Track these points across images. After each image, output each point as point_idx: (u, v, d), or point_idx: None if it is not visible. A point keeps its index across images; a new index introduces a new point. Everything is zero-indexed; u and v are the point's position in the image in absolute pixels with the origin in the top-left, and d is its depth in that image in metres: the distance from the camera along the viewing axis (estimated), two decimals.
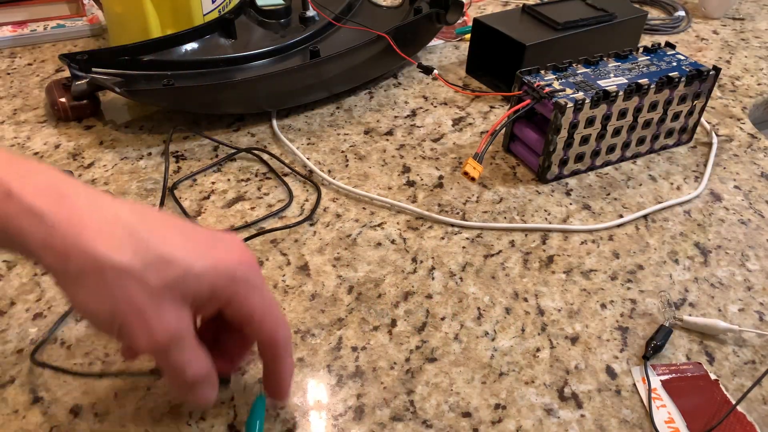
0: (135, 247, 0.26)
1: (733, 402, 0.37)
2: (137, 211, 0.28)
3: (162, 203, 0.51)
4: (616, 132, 0.54)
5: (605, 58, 0.56)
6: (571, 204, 0.52)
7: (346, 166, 0.56)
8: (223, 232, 0.31)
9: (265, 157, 0.57)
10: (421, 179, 0.55)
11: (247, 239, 0.47)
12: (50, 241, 0.25)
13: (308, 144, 0.59)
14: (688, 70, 0.54)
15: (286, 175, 0.55)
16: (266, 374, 0.34)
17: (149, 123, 0.61)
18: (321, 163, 0.56)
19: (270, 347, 0.32)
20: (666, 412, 0.36)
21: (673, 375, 0.38)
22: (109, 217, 0.26)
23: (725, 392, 0.37)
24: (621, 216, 0.51)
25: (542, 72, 0.54)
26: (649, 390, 0.37)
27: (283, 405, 0.36)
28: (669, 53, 0.58)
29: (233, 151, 0.57)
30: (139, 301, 0.26)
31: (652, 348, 0.39)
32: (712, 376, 0.38)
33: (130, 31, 0.68)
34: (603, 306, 0.43)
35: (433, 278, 0.45)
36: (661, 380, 0.38)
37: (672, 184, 0.55)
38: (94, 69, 0.59)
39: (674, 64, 0.56)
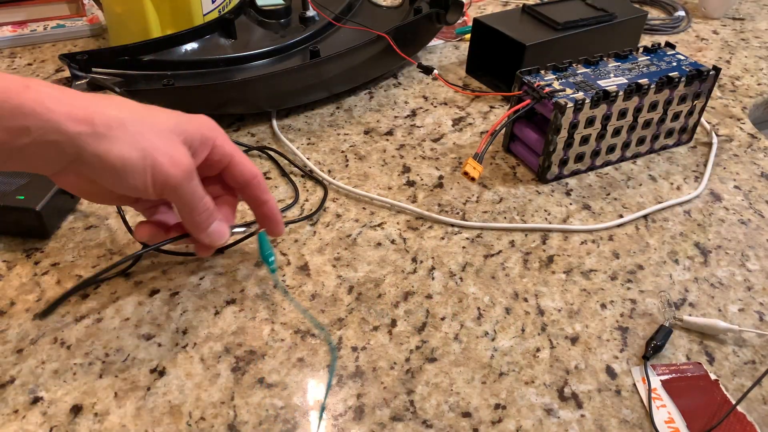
0: (138, 111, 0.33)
1: (733, 402, 0.37)
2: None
3: None
4: (616, 132, 0.54)
5: (605, 58, 0.56)
6: (571, 204, 0.52)
7: (346, 166, 0.56)
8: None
9: (275, 156, 0.57)
10: (421, 179, 0.55)
11: (246, 237, 0.47)
12: (74, 112, 0.30)
13: (308, 144, 0.59)
14: (688, 70, 0.54)
15: (292, 174, 0.55)
16: (259, 213, 0.41)
17: None
18: (321, 163, 0.56)
19: (252, 179, 0.39)
20: (666, 412, 0.36)
21: (673, 375, 0.38)
22: (104, 98, 0.33)
23: (725, 392, 0.37)
24: (621, 216, 0.51)
25: (542, 72, 0.54)
26: (649, 390, 0.37)
27: (281, 236, 0.40)
28: (669, 53, 0.58)
29: (244, 149, 0.57)
30: (158, 143, 0.33)
31: (652, 348, 0.39)
32: (712, 376, 0.38)
33: (130, 31, 0.68)
34: (603, 306, 0.43)
35: (433, 278, 0.45)
36: (661, 380, 0.38)
37: (672, 184, 0.55)
38: (94, 69, 0.59)
39: (674, 64, 0.56)
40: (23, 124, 0.30)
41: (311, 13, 0.71)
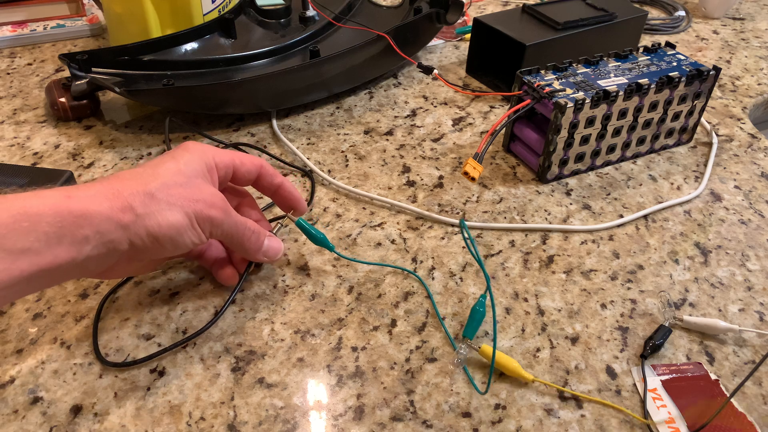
0: (155, 178, 0.34)
1: (734, 403, 0.37)
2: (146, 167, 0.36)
3: None
4: (616, 132, 0.54)
5: (605, 58, 0.56)
6: (571, 204, 0.52)
7: (346, 166, 0.56)
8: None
9: (264, 156, 0.57)
10: (421, 179, 0.54)
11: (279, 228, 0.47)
12: (113, 205, 0.32)
13: (308, 144, 0.59)
14: (688, 70, 0.54)
15: (286, 175, 0.55)
16: (278, 198, 0.43)
17: (149, 123, 0.61)
18: (321, 163, 0.56)
19: (260, 169, 0.41)
20: (666, 412, 0.36)
21: (674, 375, 0.38)
22: (119, 178, 0.34)
23: (726, 392, 0.37)
24: (621, 216, 0.51)
25: (542, 72, 0.54)
26: (645, 389, 0.37)
27: (306, 213, 0.44)
28: (669, 53, 0.58)
29: (233, 147, 0.57)
30: (187, 192, 0.35)
31: (651, 347, 0.39)
32: (713, 376, 0.38)
33: (130, 31, 0.68)
34: (603, 306, 0.43)
35: (433, 278, 0.45)
36: (661, 380, 0.38)
37: (672, 184, 0.55)
38: (94, 69, 0.59)
39: (674, 64, 0.56)
40: (83, 234, 0.30)
41: (311, 13, 0.71)
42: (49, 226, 0.29)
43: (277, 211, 0.51)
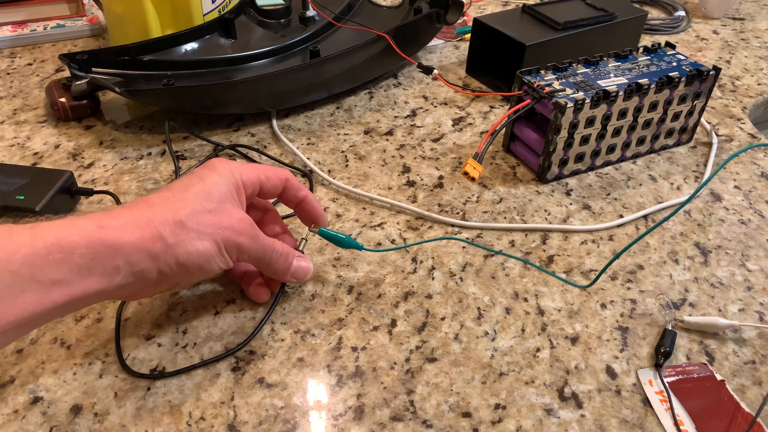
0: (184, 203, 0.34)
1: (743, 405, 0.37)
2: (151, 195, 0.35)
3: None
4: (616, 132, 0.54)
5: (605, 58, 0.56)
6: (571, 204, 0.52)
7: (346, 166, 0.56)
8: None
9: (254, 154, 0.57)
10: (421, 179, 0.55)
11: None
12: (144, 234, 0.32)
13: (308, 144, 0.59)
14: (688, 70, 0.54)
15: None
16: (300, 211, 0.43)
17: (149, 123, 0.61)
18: (321, 163, 0.56)
19: (286, 183, 0.40)
20: (674, 414, 0.36)
21: (680, 377, 0.38)
22: (149, 203, 0.34)
23: (732, 393, 0.37)
24: (621, 216, 0.51)
25: (542, 72, 0.54)
26: (644, 394, 0.37)
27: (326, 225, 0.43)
28: (669, 53, 0.58)
29: (228, 148, 0.57)
30: (216, 219, 0.35)
31: (663, 354, 0.39)
32: (718, 377, 0.38)
33: (130, 31, 0.68)
34: (603, 306, 0.43)
35: (433, 278, 0.45)
36: (667, 382, 0.38)
37: (672, 184, 0.55)
38: (94, 69, 0.59)
39: (674, 64, 0.56)
40: (114, 264, 0.31)
41: (311, 13, 0.71)
42: (82, 257, 0.30)
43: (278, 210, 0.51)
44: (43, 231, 0.29)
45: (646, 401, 0.37)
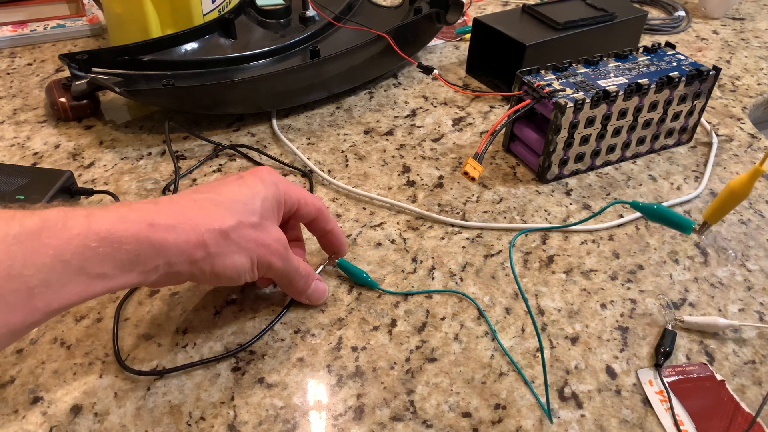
0: (229, 210, 0.35)
1: (743, 405, 0.37)
2: (199, 193, 0.36)
3: None
4: (616, 132, 0.54)
5: (605, 58, 0.56)
6: (571, 204, 0.52)
7: (346, 166, 0.56)
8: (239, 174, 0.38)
9: (254, 154, 0.57)
10: (421, 179, 0.54)
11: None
12: (189, 239, 0.32)
13: (308, 144, 0.59)
14: (688, 70, 0.54)
15: (285, 175, 0.55)
16: (324, 241, 0.43)
17: (149, 123, 0.61)
18: (321, 163, 0.56)
19: (318, 213, 0.40)
20: (674, 414, 0.36)
21: (680, 377, 0.38)
22: (199, 206, 0.34)
23: (732, 393, 0.37)
24: (621, 216, 0.51)
25: (542, 72, 0.54)
26: (644, 394, 0.37)
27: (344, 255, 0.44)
28: (669, 53, 0.58)
29: (228, 148, 0.57)
30: (257, 236, 0.35)
31: (663, 354, 0.39)
32: (718, 377, 0.38)
33: (130, 31, 0.68)
34: (603, 306, 0.43)
35: (433, 278, 0.45)
36: (667, 382, 0.38)
37: (672, 184, 0.55)
38: (94, 69, 0.59)
39: (674, 64, 0.56)
40: (155, 263, 0.31)
41: (311, 13, 0.71)
42: (127, 254, 0.30)
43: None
44: (97, 221, 0.29)
45: (646, 401, 0.37)
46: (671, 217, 0.34)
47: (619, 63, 0.56)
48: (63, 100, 0.60)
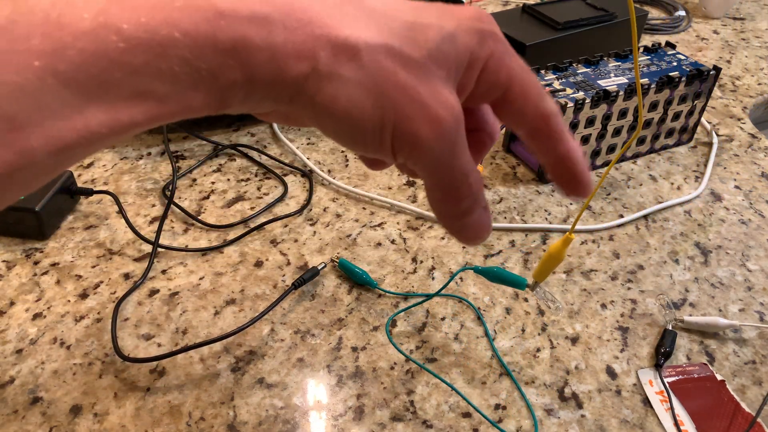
0: (377, 22, 0.21)
1: (743, 405, 0.37)
2: None
3: (170, 203, 0.51)
4: (617, 132, 0.54)
5: (605, 58, 0.56)
6: (571, 204, 0.52)
7: (346, 165, 0.56)
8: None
9: (254, 154, 0.57)
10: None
11: (243, 235, 0.47)
12: (294, 39, 0.19)
13: (308, 144, 0.59)
14: (688, 69, 0.54)
15: (285, 175, 0.55)
16: (549, 163, 0.25)
17: None
18: (321, 163, 0.56)
19: (541, 119, 0.24)
20: (675, 414, 0.36)
21: (680, 377, 0.38)
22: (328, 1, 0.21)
23: (732, 393, 0.37)
24: (621, 216, 0.51)
25: (543, 72, 0.54)
26: (644, 394, 0.37)
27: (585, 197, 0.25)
28: (669, 53, 0.58)
29: (228, 148, 0.57)
30: (408, 81, 0.20)
31: (663, 354, 0.39)
32: (718, 377, 0.38)
33: None
34: (603, 306, 0.43)
35: (433, 278, 0.45)
36: (668, 382, 0.38)
37: (672, 184, 0.55)
38: None
39: (674, 63, 0.56)
40: (230, 78, 0.19)
41: None
42: (180, 63, 0.18)
43: (278, 210, 0.51)
44: (120, 6, 0.17)
45: (647, 401, 0.37)
46: (507, 276, 0.39)
47: (619, 63, 0.56)
48: None
